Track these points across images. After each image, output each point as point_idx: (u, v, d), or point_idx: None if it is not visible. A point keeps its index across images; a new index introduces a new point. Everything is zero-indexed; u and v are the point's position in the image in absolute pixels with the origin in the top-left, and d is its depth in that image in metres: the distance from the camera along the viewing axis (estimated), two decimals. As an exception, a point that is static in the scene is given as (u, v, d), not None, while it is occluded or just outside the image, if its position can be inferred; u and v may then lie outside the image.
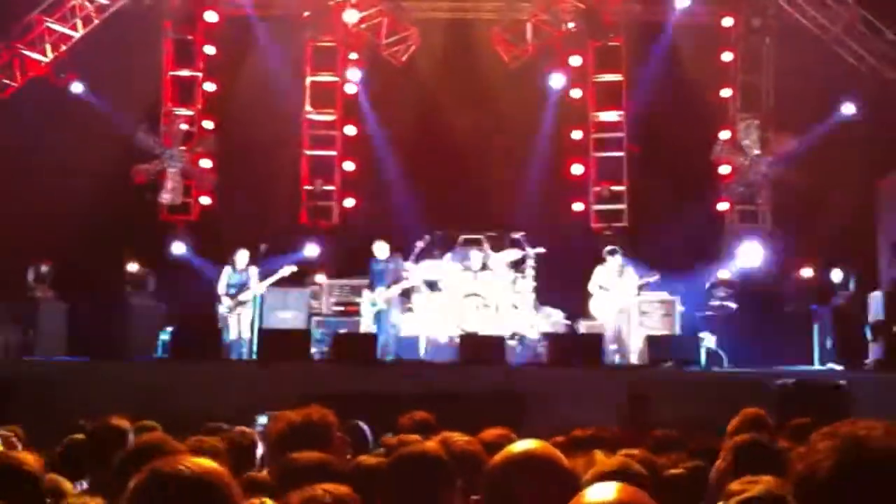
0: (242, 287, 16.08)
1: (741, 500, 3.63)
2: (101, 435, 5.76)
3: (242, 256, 16.26)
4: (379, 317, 16.05)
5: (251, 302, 16.11)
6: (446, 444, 4.39)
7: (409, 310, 16.78)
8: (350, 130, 19.75)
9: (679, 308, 16.89)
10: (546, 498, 2.63)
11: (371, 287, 16.22)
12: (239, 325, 16.07)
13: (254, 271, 16.18)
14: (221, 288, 16.18)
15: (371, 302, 16.07)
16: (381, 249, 16.32)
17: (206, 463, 2.47)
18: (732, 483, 4.11)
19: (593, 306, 16.54)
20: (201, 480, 2.39)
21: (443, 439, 4.58)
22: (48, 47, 17.88)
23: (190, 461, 2.45)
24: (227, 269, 16.30)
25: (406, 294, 16.66)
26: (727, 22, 19.12)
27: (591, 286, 16.38)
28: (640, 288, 16.56)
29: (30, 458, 3.89)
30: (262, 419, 10.00)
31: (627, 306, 16.40)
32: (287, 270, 16.27)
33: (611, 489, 2.17)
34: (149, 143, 18.46)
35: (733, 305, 17.27)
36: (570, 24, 19.17)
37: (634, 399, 10.39)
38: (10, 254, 16.29)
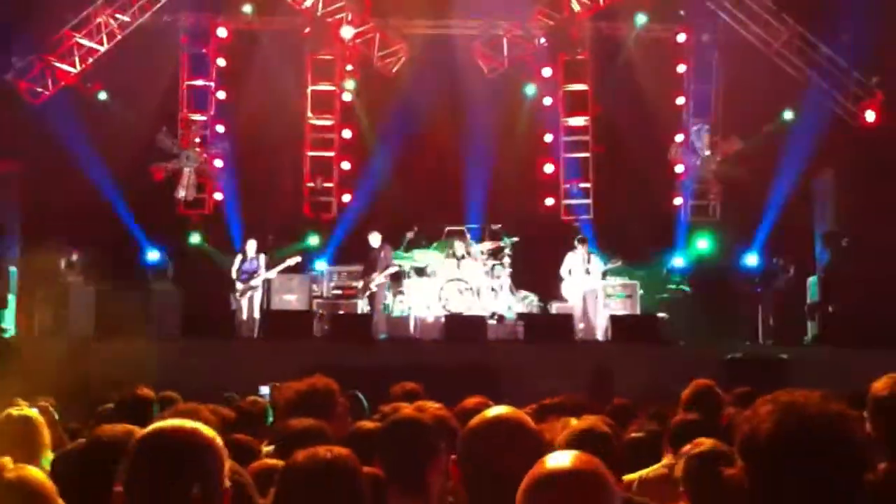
0: (253, 273, 16.08)
1: (692, 454, 3.65)
2: (130, 403, 5.76)
3: (252, 245, 16.27)
4: (373, 299, 16.07)
5: (260, 286, 16.13)
6: (421, 410, 4.42)
7: (401, 293, 16.78)
8: (346, 134, 19.72)
9: (639, 291, 16.93)
10: (514, 456, 2.64)
11: (365, 273, 16.22)
12: (250, 307, 16.08)
13: (262, 259, 16.19)
14: (233, 273, 16.18)
15: (367, 286, 16.11)
16: (374, 239, 16.32)
17: (195, 424, 2.53)
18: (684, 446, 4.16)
19: (563, 289, 16.58)
20: (195, 434, 2.46)
21: (417, 407, 4.60)
22: (77, 59, 17.78)
23: (178, 423, 2.52)
24: (238, 257, 16.30)
25: (397, 279, 16.66)
26: (681, 37, 19.14)
27: (562, 271, 16.42)
28: (605, 273, 16.61)
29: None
30: (264, 389, 10.00)
31: (593, 289, 16.43)
32: (293, 260, 16.30)
33: (568, 456, 2.17)
34: (168, 144, 18.41)
35: (687, 288, 17.33)
36: (542, 40, 19.18)
37: (598, 372, 10.42)
38: (46, 243, 16.24)
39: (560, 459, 2.15)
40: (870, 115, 16.95)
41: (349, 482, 3.19)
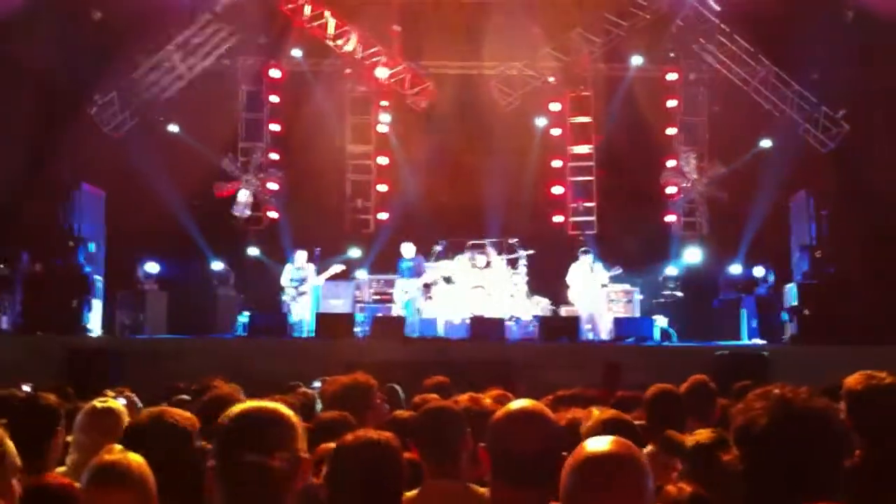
0: (302, 280, 16.12)
1: (693, 444, 3.63)
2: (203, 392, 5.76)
3: (301, 256, 16.32)
4: (407, 303, 16.07)
5: (310, 292, 16.16)
6: (456, 402, 4.42)
7: (430, 298, 16.78)
8: (382, 160, 19.74)
9: (638, 296, 16.88)
10: (536, 441, 2.65)
11: (400, 281, 16.24)
12: (300, 310, 16.11)
13: (311, 268, 16.24)
14: (284, 280, 16.23)
15: (402, 291, 16.11)
16: (408, 250, 16.33)
17: (275, 404, 2.56)
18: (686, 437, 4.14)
19: (570, 295, 16.52)
20: (275, 412, 2.49)
21: (453, 399, 4.60)
22: (151, 97, 17.91)
23: (260, 403, 2.57)
24: (288, 266, 16.35)
25: (427, 286, 16.67)
26: (671, 76, 19.07)
27: (569, 279, 16.37)
28: (607, 280, 16.56)
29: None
30: (316, 383, 9.99)
31: (597, 295, 16.38)
32: (338, 268, 16.34)
33: (607, 440, 2.16)
34: (231, 168, 18.51)
35: (680, 294, 17.25)
36: (551, 79, 19.17)
37: (609, 367, 10.34)
38: (124, 255, 16.36)
39: (600, 443, 2.15)
40: (835, 143, 16.91)
41: (391, 459, 3.23)
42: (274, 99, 19.41)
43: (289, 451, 2.42)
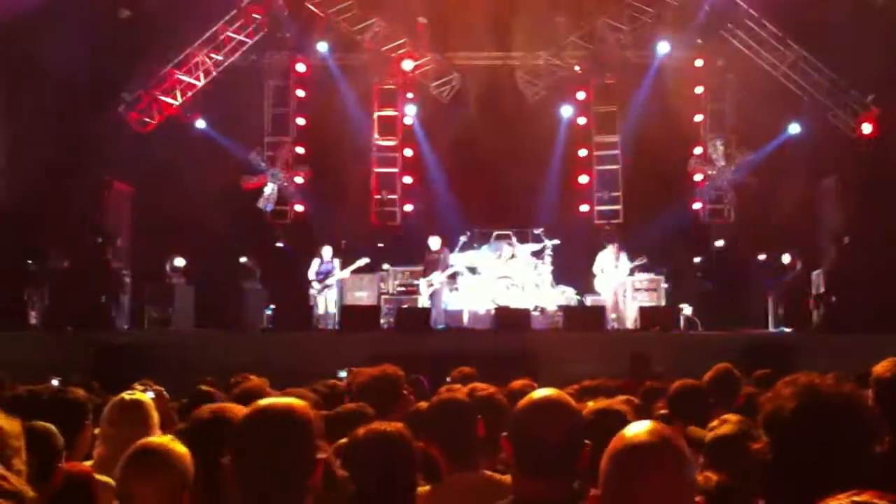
0: (328, 274, 16.16)
1: (712, 438, 3.58)
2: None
3: (327, 250, 16.34)
4: (433, 295, 16.06)
5: (335, 285, 16.20)
6: (472, 392, 4.40)
7: (456, 289, 16.76)
8: (408, 153, 19.72)
9: (664, 285, 16.75)
10: (558, 431, 2.62)
11: (426, 272, 16.22)
12: (326, 303, 16.15)
13: (337, 262, 16.27)
14: (311, 274, 16.27)
15: (427, 283, 16.10)
16: (434, 243, 16.32)
17: (294, 401, 2.54)
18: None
19: (596, 284, 16.47)
20: (288, 411, 2.45)
21: (470, 389, 4.58)
22: (178, 93, 18.00)
23: (277, 400, 2.55)
24: (315, 260, 16.39)
25: (452, 277, 16.65)
26: (698, 62, 18.90)
27: (594, 268, 16.31)
28: (633, 269, 16.46)
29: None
30: (342, 373, 10.01)
31: (622, 284, 16.30)
32: (363, 262, 16.35)
33: (646, 427, 2.12)
34: (258, 162, 18.57)
35: (707, 283, 17.13)
36: (577, 68, 19.07)
37: (635, 357, 10.26)
38: (153, 250, 16.47)
39: (639, 429, 2.12)
40: (866, 128, 16.69)
41: (402, 450, 3.22)
42: (300, 93, 19.44)
43: (304, 452, 2.41)
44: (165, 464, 2.97)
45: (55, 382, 6.50)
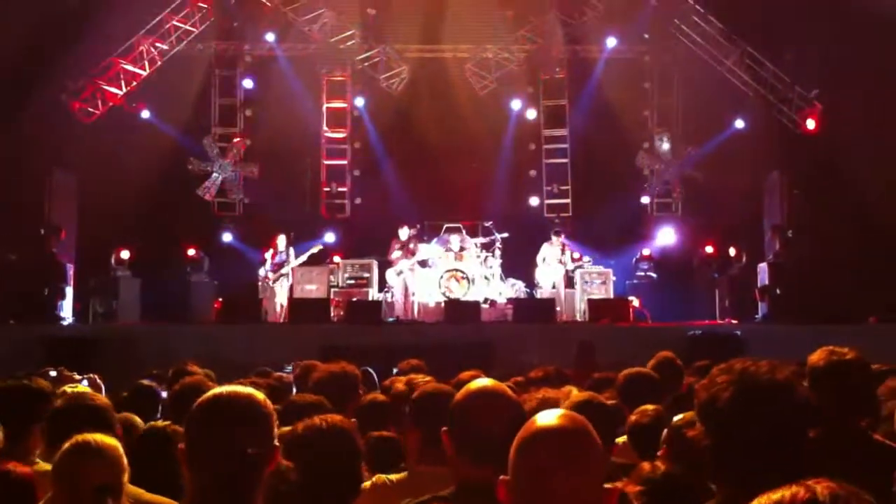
0: (282, 264, 16.11)
1: (674, 424, 3.62)
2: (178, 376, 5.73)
3: (282, 240, 16.27)
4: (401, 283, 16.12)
5: (290, 273, 16.15)
6: (410, 384, 4.42)
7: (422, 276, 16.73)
8: (357, 145, 19.68)
9: (613, 278, 16.90)
10: (497, 423, 2.63)
11: (390, 262, 16.30)
12: (278, 295, 16.07)
13: (291, 251, 16.23)
14: (267, 266, 16.19)
15: (395, 272, 16.13)
16: (403, 233, 16.40)
17: (249, 389, 2.54)
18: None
19: (537, 274, 16.61)
20: (249, 397, 2.47)
21: (408, 381, 4.60)
22: (123, 83, 17.72)
23: (234, 388, 2.54)
24: (270, 252, 16.30)
25: (422, 264, 16.60)
26: (645, 58, 19.09)
27: (537, 258, 16.46)
28: (576, 264, 16.63)
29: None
30: (288, 368, 9.98)
31: (564, 276, 16.45)
32: (316, 248, 16.37)
33: (556, 414, 2.14)
34: (213, 148, 18.39)
35: (654, 275, 17.32)
36: (525, 61, 19.13)
37: (582, 346, 10.34)
38: (97, 242, 16.23)
39: (550, 417, 2.13)
40: (810, 123, 16.93)
41: (345, 441, 3.25)
42: (247, 84, 19.28)
43: (261, 438, 2.41)
44: (100, 453, 3.02)
45: (53, 374, 6.47)
